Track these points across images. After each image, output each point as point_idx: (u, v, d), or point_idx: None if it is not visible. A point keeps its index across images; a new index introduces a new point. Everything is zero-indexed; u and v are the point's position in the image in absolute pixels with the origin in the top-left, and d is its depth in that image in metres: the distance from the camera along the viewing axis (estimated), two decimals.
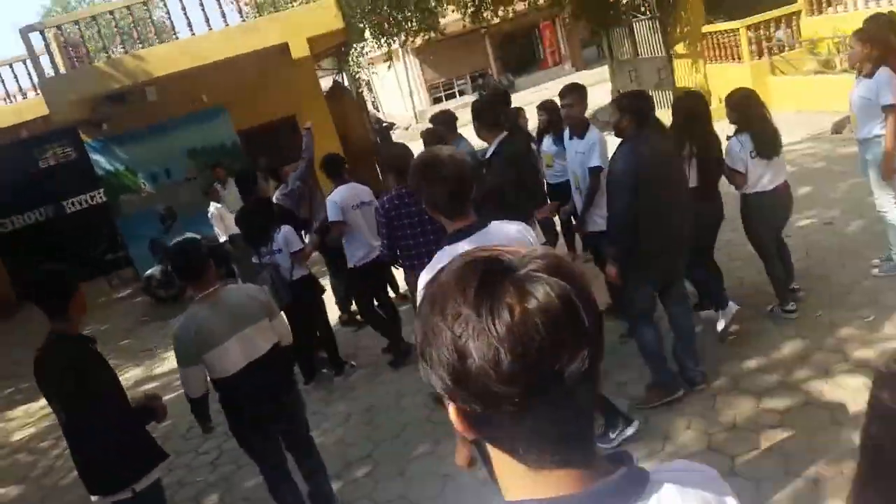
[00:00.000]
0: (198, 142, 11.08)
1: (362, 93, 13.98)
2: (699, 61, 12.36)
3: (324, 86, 12.91)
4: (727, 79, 11.24)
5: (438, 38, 14.26)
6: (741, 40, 11.27)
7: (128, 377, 6.96)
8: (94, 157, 10.97)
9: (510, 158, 4.27)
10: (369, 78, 14.60)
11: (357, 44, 12.39)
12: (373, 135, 12.77)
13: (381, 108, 16.70)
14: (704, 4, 11.99)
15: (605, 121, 10.25)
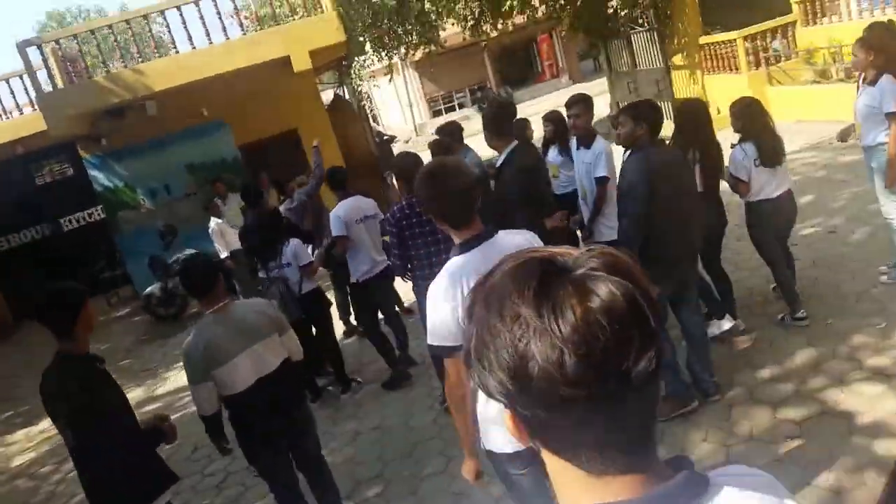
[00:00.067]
0: (198, 157, 11.00)
1: (364, 106, 13.98)
2: (697, 72, 12.40)
3: (324, 99, 12.91)
4: (725, 89, 11.30)
5: (439, 51, 14.31)
6: (738, 51, 11.32)
7: (129, 398, 6.76)
8: (93, 172, 10.87)
9: (521, 168, 4.26)
10: (370, 91, 14.59)
11: (359, 57, 12.37)
12: (375, 148, 12.77)
13: (380, 122, 16.70)
14: (701, 16, 12.05)
15: (603, 132, 10.27)
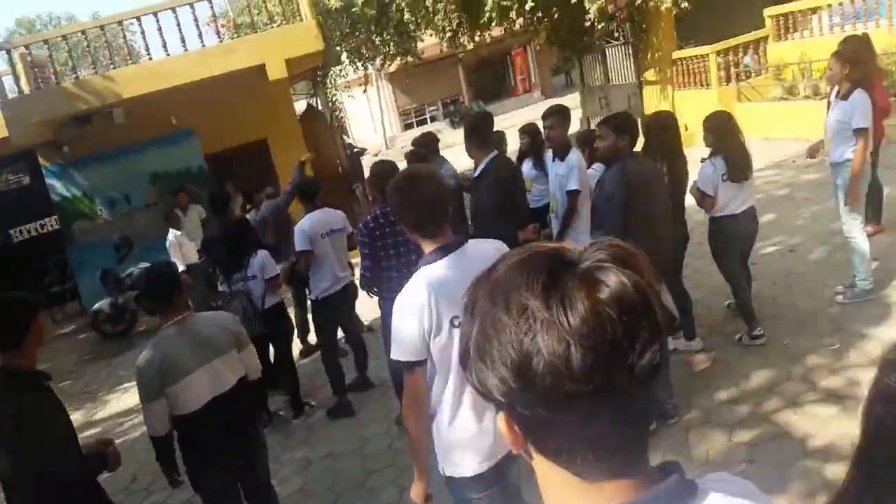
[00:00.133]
0: (162, 166, 10.72)
1: (339, 116, 13.91)
2: (668, 88, 12.54)
3: (297, 109, 12.80)
4: (695, 105, 11.43)
5: (415, 62, 14.31)
6: (710, 66, 11.45)
7: None
8: (51, 181, 10.55)
9: (497, 178, 4.29)
10: (343, 102, 14.57)
11: (335, 67, 12.31)
12: (346, 160, 12.70)
13: (350, 134, 16.70)
14: (676, 30, 12.18)
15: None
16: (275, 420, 5.37)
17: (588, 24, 10.60)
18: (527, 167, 6.08)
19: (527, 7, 11.05)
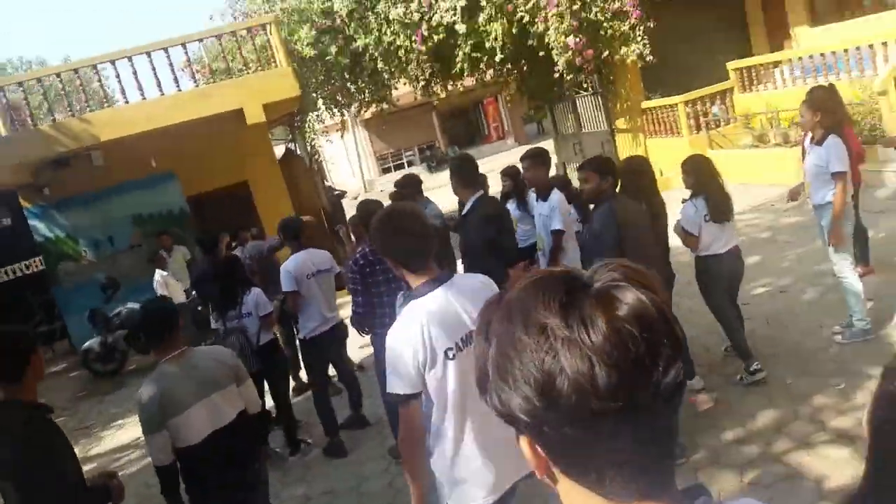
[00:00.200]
0: (145, 208, 10.74)
1: (319, 159, 13.94)
2: (640, 135, 12.89)
3: (276, 154, 12.82)
4: (667, 152, 11.76)
5: (390, 109, 14.49)
6: (680, 115, 11.83)
7: None
8: (34, 223, 10.50)
9: (484, 216, 4.35)
10: (322, 147, 14.65)
11: (312, 112, 12.41)
12: (327, 203, 12.70)
13: (329, 177, 16.78)
14: (642, 82, 12.59)
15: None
16: (272, 457, 5.26)
17: (557, 75, 10.91)
18: (511, 208, 6.17)
19: (496, 59, 11.34)
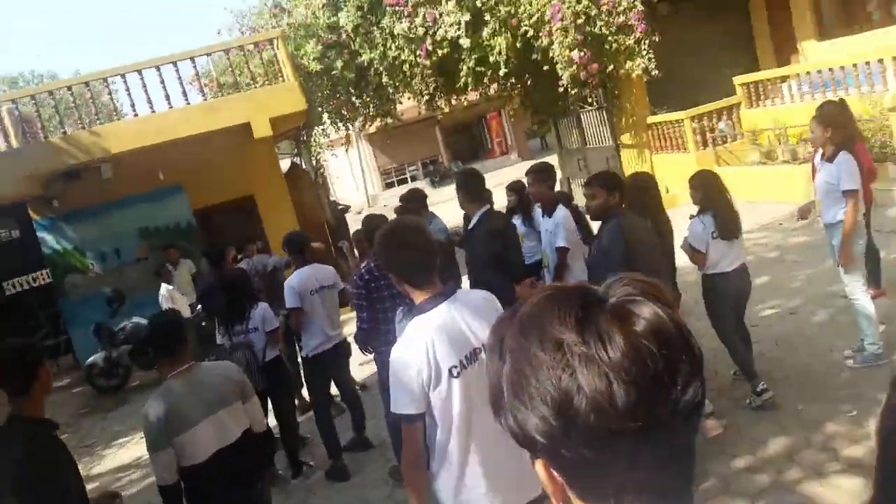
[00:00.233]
0: (152, 221, 10.77)
1: (323, 173, 13.97)
2: (645, 151, 12.84)
3: (282, 167, 12.86)
4: (673, 168, 11.70)
5: (395, 124, 14.50)
6: (686, 131, 11.75)
7: None
8: (42, 235, 10.52)
9: (490, 230, 4.34)
10: (327, 161, 14.71)
11: (318, 126, 12.45)
12: (331, 217, 12.72)
13: (333, 192, 16.84)
14: (648, 96, 12.55)
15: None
16: (278, 478, 5.16)
17: (561, 89, 10.90)
18: (516, 223, 6.11)
19: (500, 73, 11.36)
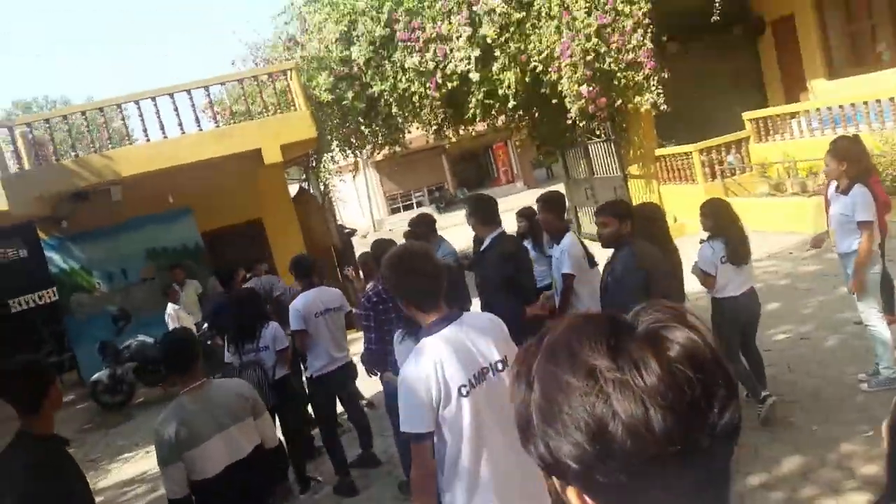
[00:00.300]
0: (159, 242, 10.87)
1: (331, 198, 14.09)
2: (653, 182, 12.91)
3: (290, 192, 12.99)
4: (682, 199, 11.76)
5: (403, 152, 14.65)
6: (694, 163, 11.82)
7: None
8: (50, 254, 10.64)
9: (501, 253, 4.37)
10: (336, 186, 14.85)
11: (327, 153, 12.60)
12: (338, 240, 12.79)
13: (339, 216, 16.98)
14: (656, 129, 12.67)
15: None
16: (292, 493, 5.11)
17: (569, 122, 11.04)
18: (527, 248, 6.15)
19: (509, 106, 11.50)
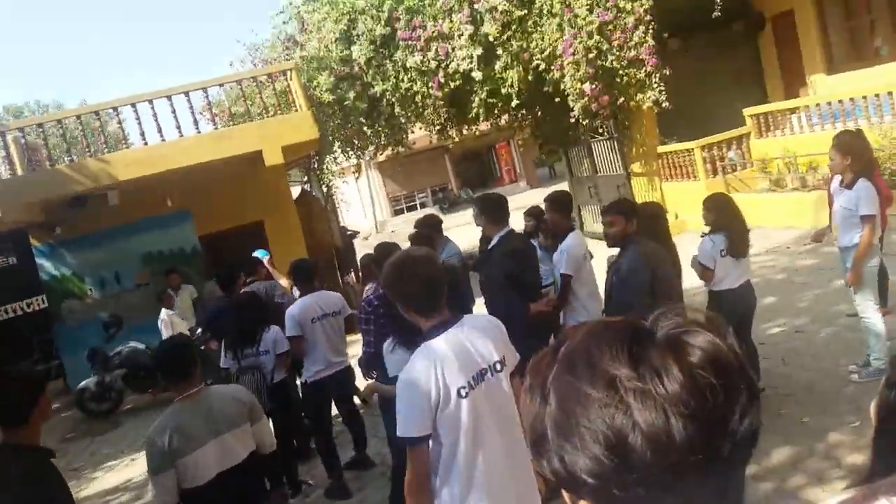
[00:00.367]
0: (156, 246, 10.70)
1: (334, 200, 14.09)
2: (655, 179, 12.88)
3: (292, 194, 12.96)
4: (683, 195, 11.72)
5: (406, 152, 14.64)
6: (696, 160, 11.79)
7: None
8: (41, 261, 10.41)
9: (507, 250, 4.40)
10: (338, 188, 14.84)
11: (329, 154, 12.58)
12: (340, 242, 12.78)
13: (342, 218, 16.99)
14: (658, 127, 12.65)
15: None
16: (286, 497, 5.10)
17: (572, 120, 11.02)
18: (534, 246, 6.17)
19: (512, 104, 11.49)
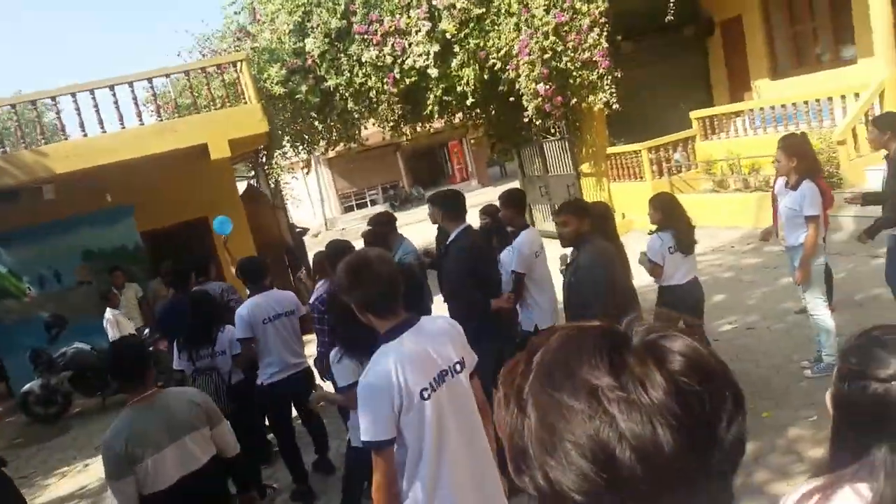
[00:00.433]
0: (96, 243, 10.24)
1: (282, 196, 13.79)
2: (604, 179, 13.12)
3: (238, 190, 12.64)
4: (630, 196, 11.98)
5: (358, 148, 14.47)
6: (643, 161, 12.07)
7: None
8: None
9: (467, 247, 4.36)
10: (288, 184, 14.53)
11: (278, 149, 12.30)
12: (290, 240, 12.52)
13: (291, 215, 16.64)
14: (608, 128, 12.89)
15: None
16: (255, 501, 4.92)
17: (525, 120, 11.13)
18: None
19: (467, 103, 11.51)
